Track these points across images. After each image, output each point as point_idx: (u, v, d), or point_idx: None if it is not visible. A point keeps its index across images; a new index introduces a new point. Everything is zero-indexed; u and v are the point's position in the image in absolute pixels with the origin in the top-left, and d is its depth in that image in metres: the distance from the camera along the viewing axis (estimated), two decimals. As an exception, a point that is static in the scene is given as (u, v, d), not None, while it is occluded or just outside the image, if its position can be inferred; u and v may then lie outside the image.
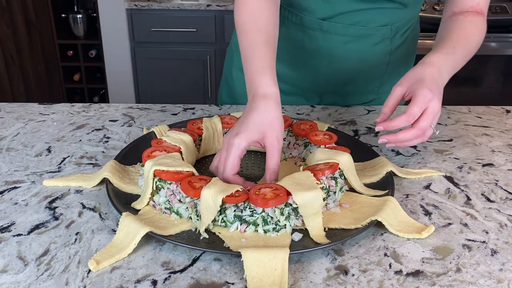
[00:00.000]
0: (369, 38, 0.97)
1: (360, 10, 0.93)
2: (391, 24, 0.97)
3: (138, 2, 2.58)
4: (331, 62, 1.00)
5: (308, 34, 0.98)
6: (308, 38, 0.98)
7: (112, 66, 2.78)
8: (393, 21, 0.97)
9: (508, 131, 0.95)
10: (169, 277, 0.53)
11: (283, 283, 0.52)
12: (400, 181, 0.74)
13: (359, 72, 1.03)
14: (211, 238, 0.58)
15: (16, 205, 0.66)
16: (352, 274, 0.54)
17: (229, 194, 0.59)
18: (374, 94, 1.10)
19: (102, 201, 0.67)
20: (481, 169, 0.79)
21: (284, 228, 0.60)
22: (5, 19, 2.86)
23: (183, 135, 0.76)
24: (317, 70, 1.02)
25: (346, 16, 0.94)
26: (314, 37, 0.97)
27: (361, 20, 0.95)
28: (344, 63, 1.00)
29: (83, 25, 3.00)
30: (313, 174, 0.64)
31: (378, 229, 0.62)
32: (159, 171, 0.64)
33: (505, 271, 0.55)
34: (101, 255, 0.55)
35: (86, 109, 1.01)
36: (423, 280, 0.53)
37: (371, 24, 0.96)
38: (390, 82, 1.07)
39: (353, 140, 0.84)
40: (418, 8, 1.03)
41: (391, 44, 1.00)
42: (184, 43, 2.67)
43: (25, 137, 0.88)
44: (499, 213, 0.67)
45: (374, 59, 1.01)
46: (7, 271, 0.54)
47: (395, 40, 1.00)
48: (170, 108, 1.02)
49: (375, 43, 0.98)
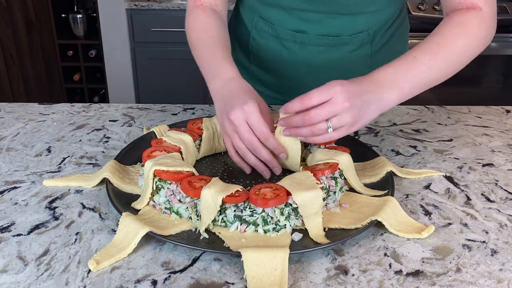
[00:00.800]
0: (346, 46, 0.94)
1: (329, 19, 0.90)
2: (366, 30, 0.93)
3: (138, 2, 2.58)
4: (310, 71, 0.99)
5: (285, 46, 0.97)
6: (285, 50, 0.97)
7: (112, 66, 2.78)
8: (367, 27, 0.93)
9: (508, 131, 0.95)
10: (169, 277, 0.53)
11: (283, 283, 0.52)
12: (400, 181, 0.74)
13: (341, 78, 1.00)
14: (211, 238, 0.58)
15: (16, 205, 0.66)
16: (352, 274, 0.54)
17: (229, 194, 0.59)
18: None
19: (102, 201, 0.67)
20: (481, 169, 0.79)
21: (284, 228, 0.60)
22: (5, 19, 2.86)
23: (183, 135, 0.76)
24: (298, 80, 1.01)
25: (316, 27, 0.92)
26: (290, 48, 0.96)
27: (332, 31, 0.92)
28: (324, 72, 0.98)
29: (83, 25, 3.00)
30: (313, 174, 0.64)
31: (378, 229, 0.62)
32: (159, 171, 0.64)
33: (505, 271, 0.55)
34: (101, 255, 0.55)
35: (86, 109, 1.01)
36: (423, 280, 0.53)
37: (344, 33, 0.93)
38: None
39: (353, 140, 0.84)
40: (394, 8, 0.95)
41: (372, 47, 0.97)
42: (184, 43, 2.62)
43: (25, 137, 0.88)
44: (499, 213, 0.67)
45: (354, 65, 0.97)
46: (7, 271, 0.54)
47: (375, 43, 0.97)
48: (170, 108, 1.02)
49: (353, 50, 0.95)
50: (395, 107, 1.04)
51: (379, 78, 0.70)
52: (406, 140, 0.89)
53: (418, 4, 2.29)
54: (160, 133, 0.83)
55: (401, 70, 0.71)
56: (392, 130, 0.94)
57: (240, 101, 0.69)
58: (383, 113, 1.02)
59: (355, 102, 0.66)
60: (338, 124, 0.66)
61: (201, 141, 0.80)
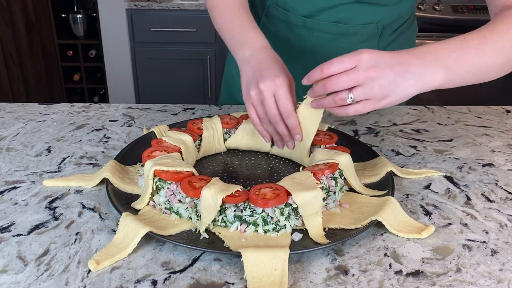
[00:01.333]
0: (354, 36, 0.96)
1: (341, 5, 0.92)
2: (376, 22, 0.96)
3: (138, 2, 2.58)
4: (317, 59, 0.99)
5: (294, 32, 0.98)
6: (294, 36, 0.98)
7: (112, 66, 2.78)
8: (377, 19, 0.95)
9: (508, 131, 0.95)
10: (169, 277, 0.53)
11: (283, 283, 0.51)
12: (400, 181, 0.74)
13: None
14: (211, 238, 0.58)
15: (16, 205, 0.66)
16: (352, 274, 0.54)
17: (229, 194, 0.59)
18: None
19: (102, 201, 0.67)
20: (481, 169, 0.79)
21: (284, 228, 0.60)
22: (5, 19, 2.86)
23: (183, 135, 0.76)
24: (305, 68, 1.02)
25: (328, 13, 0.94)
26: (300, 34, 0.98)
27: (343, 18, 0.94)
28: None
29: (83, 25, 3.00)
30: (313, 174, 0.64)
31: (378, 229, 0.62)
32: (159, 171, 0.64)
33: (505, 271, 0.55)
34: (101, 255, 0.55)
35: (86, 109, 1.01)
36: (423, 280, 0.53)
37: (354, 21, 0.94)
38: None
39: (353, 140, 0.84)
40: (408, 7, 0.99)
41: (379, 42, 0.99)
42: (184, 43, 2.67)
43: (25, 137, 0.88)
44: (499, 213, 0.67)
45: None
46: (7, 271, 0.54)
47: (383, 38, 0.99)
48: (170, 108, 1.02)
49: (361, 41, 0.97)
50: (395, 107, 1.04)
51: (423, 52, 0.63)
52: (406, 140, 0.89)
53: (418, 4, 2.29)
54: (160, 133, 0.83)
55: (449, 48, 0.63)
56: (392, 130, 0.94)
57: (272, 73, 0.69)
58: (383, 112, 1.02)
59: (384, 73, 0.59)
60: (363, 95, 0.60)
61: (201, 141, 0.80)
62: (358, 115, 1.00)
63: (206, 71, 2.75)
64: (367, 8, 0.93)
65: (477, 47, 0.65)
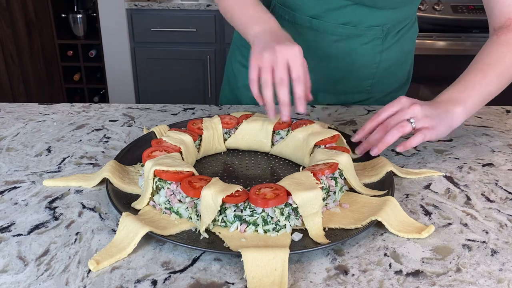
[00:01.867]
0: (359, 38, 0.98)
1: (348, 6, 0.93)
2: (382, 25, 0.97)
3: (138, 2, 2.58)
4: (320, 60, 1.01)
5: (300, 32, 0.98)
6: (299, 36, 0.98)
7: (112, 66, 2.78)
8: (383, 22, 0.97)
9: (508, 131, 0.95)
10: (169, 277, 0.53)
11: (283, 283, 0.52)
12: (400, 181, 0.74)
13: (349, 71, 1.03)
14: (211, 238, 0.58)
15: (16, 205, 0.66)
16: (352, 274, 0.54)
17: (229, 194, 0.59)
18: (367, 94, 1.09)
19: (102, 201, 0.67)
20: (481, 169, 0.79)
21: (284, 228, 0.60)
22: (5, 19, 2.86)
23: (183, 135, 0.76)
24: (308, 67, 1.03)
25: (336, 14, 0.94)
26: (305, 35, 0.98)
27: (351, 21, 0.95)
28: (334, 62, 1.01)
29: (83, 25, 3.00)
30: (313, 174, 0.64)
31: (378, 229, 0.62)
32: (159, 171, 0.64)
33: (505, 271, 0.55)
34: (101, 255, 0.55)
35: (86, 109, 1.01)
36: (423, 280, 0.53)
37: (361, 24, 0.96)
38: (383, 82, 1.07)
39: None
40: (412, 10, 1.02)
41: (383, 44, 1.00)
42: (184, 43, 2.67)
43: (25, 137, 0.88)
44: (499, 213, 0.67)
45: (364, 58, 1.01)
46: (7, 271, 0.54)
47: (387, 40, 1.00)
48: (170, 108, 1.02)
49: (365, 43, 0.99)
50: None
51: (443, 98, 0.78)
52: (406, 140, 0.89)
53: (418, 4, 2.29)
54: (160, 133, 0.83)
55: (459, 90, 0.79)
56: (392, 130, 0.94)
57: (290, 42, 0.72)
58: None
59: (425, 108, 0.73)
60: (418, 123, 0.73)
61: (201, 141, 0.80)
62: (357, 116, 1.01)
63: (206, 71, 2.76)
64: (374, 11, 0.94)
65: (480, 83, 0.79)
